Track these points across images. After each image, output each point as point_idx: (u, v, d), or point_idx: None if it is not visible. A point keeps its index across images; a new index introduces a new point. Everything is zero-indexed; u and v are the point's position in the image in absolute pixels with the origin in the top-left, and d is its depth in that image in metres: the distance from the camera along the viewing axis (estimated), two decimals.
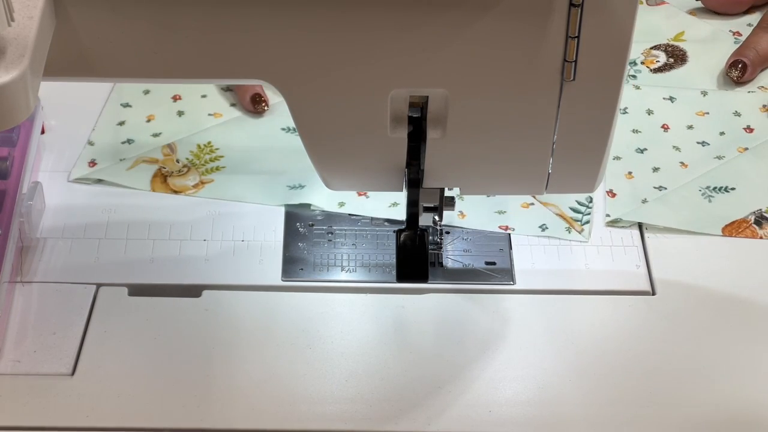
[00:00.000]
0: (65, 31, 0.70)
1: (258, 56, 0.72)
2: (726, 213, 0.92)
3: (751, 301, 0.86)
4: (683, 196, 0.93)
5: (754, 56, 1.04)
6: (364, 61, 0.73)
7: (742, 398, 0.80)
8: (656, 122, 1.00)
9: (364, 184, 0.83)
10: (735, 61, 1.03)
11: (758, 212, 0.92)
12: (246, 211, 0.91)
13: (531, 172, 0.80)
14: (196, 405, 0.78)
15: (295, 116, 0.76)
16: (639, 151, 0.97)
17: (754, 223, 0.91)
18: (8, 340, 0.81)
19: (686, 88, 1.04)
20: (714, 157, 0.97)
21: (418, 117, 0.77)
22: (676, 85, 1.04)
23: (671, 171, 0.95)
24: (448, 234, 0.90)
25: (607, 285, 0.87)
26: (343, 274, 0.87)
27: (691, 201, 0.93)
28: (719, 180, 0.95)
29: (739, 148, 0.97)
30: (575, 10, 0.70)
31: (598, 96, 0.75)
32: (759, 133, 0.99)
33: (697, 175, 0.95)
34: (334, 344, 0.82)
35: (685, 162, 0.96)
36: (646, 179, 0.94)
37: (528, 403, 0.79)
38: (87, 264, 0.87)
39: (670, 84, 1.03)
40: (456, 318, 0.84)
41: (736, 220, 0.92)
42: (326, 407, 0.78)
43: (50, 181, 0.92)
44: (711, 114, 1.01)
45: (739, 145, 0.98)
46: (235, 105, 1.01)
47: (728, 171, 0.95)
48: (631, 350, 0.83)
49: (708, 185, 0.94)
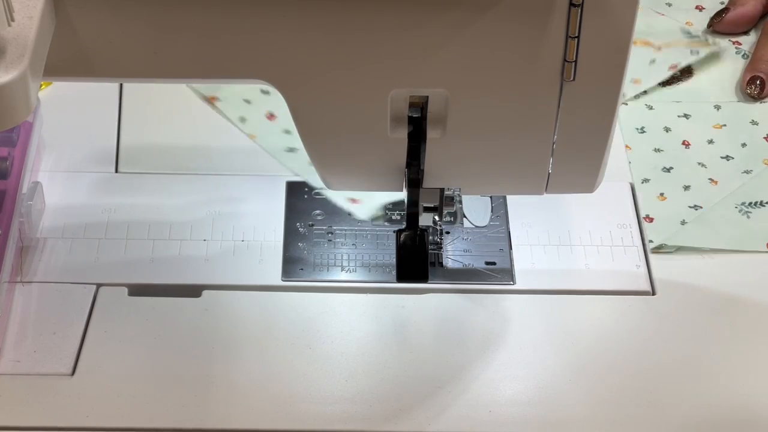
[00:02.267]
0: (65, 31, 0.70)
1: (258, 56, 0.72)
2: (767, 227, 0.92)
3: (751, 301, 0.86)
4: (721, 215, 0.92)
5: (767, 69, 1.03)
6: (364, 61, 0.73)
7: (741, 398, 0.80)
8: (676, 139, 0.99)
9: (364, 184, 0.83)
10: (753, 78, 1.02)
11: None
12: (246, 211, 0.91)
13: (531, 172, 0.80)
14: (196, 405, 0.78)
15: (295, 116, 0.76)
16: (665, 170, 0.96)
17: None
18: (8, 340, 0.81)
19: (698, 101, 1.03)
20: (742, 171, 0.96)
21: (418, 117, 0.77)
22: (686, 99, 1.03)
23: (702, 189, 0.95)
24: (448, 234, 0.90)
25: (607, 285, 0.87)
26: (343, 274, 0.88)
27: (731, 219, 0.92)
28: (753, 195, 0.94)
29: (764, 160, 0.97)
30: (575, 10, 0.70)
31: (598, 96, 0.75)
32: None
33: (728, 192, 0.94)
34: (334, 344, 0.82)
35: (714, 179, 0.95)
36: (679, 199, 0.94)
37: (528, 403, 0.79)
38: (87, 264, 0.87)
39: (680, 98, 1.03)
40: (456, 318, 0.85)
41: None
42: (326, 407, 0.78)
43: (50, 181, 0.92)
44: (728, 126, 1.00)
45: (763, 156, 0.97)
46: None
47: (760, 185, 0.95)
48: (631, 350, 0.83)
49: (743, 201, 0.93)
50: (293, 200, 0.93)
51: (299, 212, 0.92)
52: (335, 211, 0.92)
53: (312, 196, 0.93)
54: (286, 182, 0.94)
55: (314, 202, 0.92)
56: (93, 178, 0.94)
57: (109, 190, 0.93)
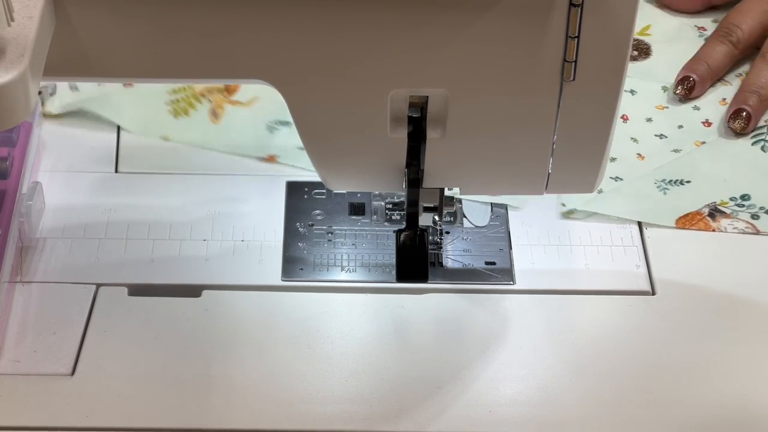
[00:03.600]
0: (65, 31, 0.70)
1: (258, 56, 0.72)
2: (680, 205, 0.92)
3: (751, 301, 0.86)
4: (638, 188, 0.93)
5: (755, 103, 0.98)
6: (364, 61, 0.73)
7: (741, 398, 0.80)
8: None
9: (364, 184, 0.83)
10: (738, 110, 0.98)
11: (712, 205, 0.92)
12: (246, 211, 0.91)
13: (531, 172, 0.80)
14: (196, 405, 0.78)
15: (295, 116, 0.76)
16: None
17: (707, 216, 0.92)
18: (8, 340, 0.81)
19: (647, 80, 1.03)
20: (671, 150, 0.97)
21: (418, 117, 0.77)
22: (637, 75, 1.04)
23: (628, 162, 0.96)
24: (448, 234, 0.90)
25: (607, 285, 0.87)
26: (343, 274, 0.87)
27: (647, 193, 0.93)
28: (675, 173, 0.95)
29: (696, 142, 0.98)
30: (575, 10, 0.70)
31: (598, 96, 0.75)
32: (717, 127, 0.99)
33: (653, 167, 0.95)
34: (334, 344, 0.82)
35: (642, 154, 0.96)
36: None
37: (528, 403, 0.79)
38: (87, 264, 0.87)
39: (631, 75, 1.02)
40: (456, 318, 0.85)
41: (690, 213, 0.92)
42: (326, 407, 0.78)
43: (50, 181, 0.92)
44: (670, 108, 1.01)
45: (696, 138, 0.98)
46: None
47: (685, 164, 0.96)
48: (631, 350, 0.83)
49: (664, 178, 0.94)
50: (293, 200, 0.93)
51: (299, 212, 0.92)
52: (335, 211, 0.92)
53: (312, 196, 0.93)
54: (286, 182, 0.94)
55: (314, 202, 0.92)
56: (93, 178, 0.94)
57: (109, 190, 0.93)
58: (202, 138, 0.97)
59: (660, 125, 0.99)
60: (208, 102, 1.00)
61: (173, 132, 0.97)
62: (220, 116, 0.99)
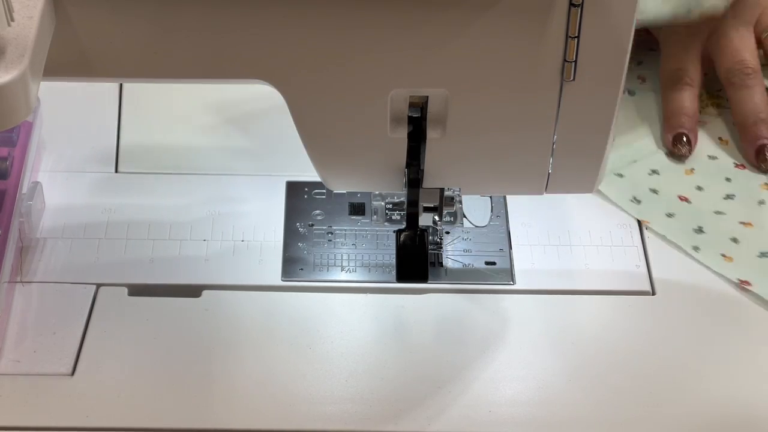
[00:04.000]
0: (65, 31, 0.70)
1: (258, 56, 0.72)
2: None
3: (751, 301, 0.86)
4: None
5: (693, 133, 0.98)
6: (364, 61, 0.73)
7: (741, 398, 0.80)
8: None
9: (364, 184, 0.83)
10: (677, 136, 0.97)
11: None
12: (246, 211, 0.91)
13: (531, 172, 0.80)
14: (196, 405, 0.78)
15: (295, 116, 0.76)
16: None
17: None
18: (8, 340, 0.81)
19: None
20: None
21: (418, 117, 0.77)
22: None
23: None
24: (448, 234, 0.90)
25: (607, 285, 0.87)
26: (343, 274, 0.88)
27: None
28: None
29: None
30: (575, 9, 0.70)
31: (598, 96, 0.75)
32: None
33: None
34: (334, 344, 0.82)
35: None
36: None
37: (528, 403, 0.79)
38: (87, 264, 0.87)
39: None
40: (456, 318, 0.85)
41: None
42: (326, 407, 0.78)
43: (50, 181, 0.92)
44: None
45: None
46: None
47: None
48: (631, 350, 0.83)
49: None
50: (293, 200, 0.93)
51: (299, 212, 0.92)
52: (335, 211, 0.92)
53: (312, 196, 0.93)
54: (286, 182, 0.94)
55: (314, 202, 0.93)
56: (93, 178, 0.94)
57: (109, 190, 0.93)
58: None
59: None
60: None
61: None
62: None
